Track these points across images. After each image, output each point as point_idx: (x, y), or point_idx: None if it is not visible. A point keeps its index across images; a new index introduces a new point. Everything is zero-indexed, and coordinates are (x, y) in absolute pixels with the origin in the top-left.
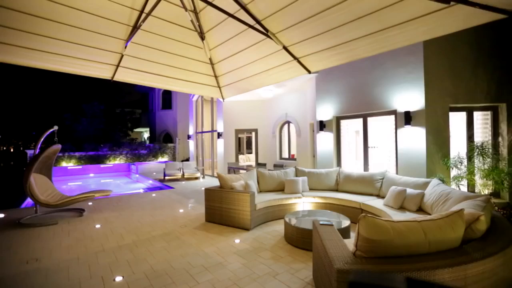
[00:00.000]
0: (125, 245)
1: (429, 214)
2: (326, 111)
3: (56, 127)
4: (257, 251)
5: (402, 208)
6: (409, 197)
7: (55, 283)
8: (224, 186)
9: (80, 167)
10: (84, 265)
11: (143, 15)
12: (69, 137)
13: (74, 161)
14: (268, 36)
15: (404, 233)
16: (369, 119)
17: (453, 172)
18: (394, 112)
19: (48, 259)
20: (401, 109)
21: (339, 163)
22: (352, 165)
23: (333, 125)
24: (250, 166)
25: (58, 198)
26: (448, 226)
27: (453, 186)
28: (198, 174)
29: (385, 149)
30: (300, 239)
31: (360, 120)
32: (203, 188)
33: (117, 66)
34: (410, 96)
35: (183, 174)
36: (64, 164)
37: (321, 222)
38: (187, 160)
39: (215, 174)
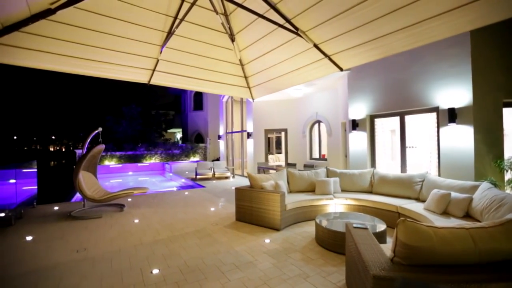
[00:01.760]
0: (161, 240)
1: (479, 221)
2: (359, 110)
3: (100, 129)
4: (287, 252)
5: (445, 213)
6: (454, 202)
7: (100, 271)
8: (254, 185)
9: (120, 165)
10: (125, 256)
11: (177, 21)
12: (111, 138)
13: (115, 160)
14: (298, 35)
15: (449, 240)
16: (407, 117)
17: (508, 175)
18: (435, 110)
19: (94, 249)
20: (444, 106)
21: (373, 164)
22: (387, 166)
23: (367, 124)
24: (280, 166)
25: (102, 194)
26: (503, 236)
27: (508, 191)
28: (228, 174)
29: (425, 149)
30: (332, 241)
31: (397, 118)
32: (233, 188)
33: (153, 70)
34: (455, 92)
35: (213, 174)
36: (106, 162)
37: (354, 225)
38: (218, 159)
39: (245, 174)
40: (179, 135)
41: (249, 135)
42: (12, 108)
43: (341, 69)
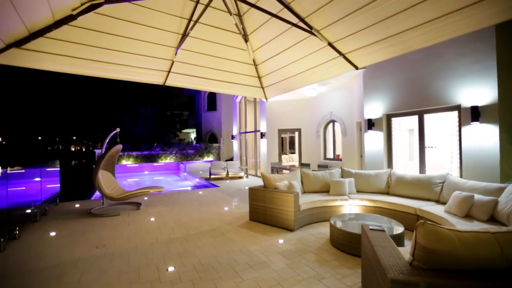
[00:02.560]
0: (176, 238)
1: (505, 225)
2: (375, 109)
3: (118, 129)
4: (301, 253)
5: (468, 216)
6: (478, 204)
7: (118, 267)
8: (268, 185)
9: (137, 165)
10: (141, 253)
11: (191, 23)
12: (128, 138)
13: (132, 159)
14: (312, 33)
15: (472, 244)
16: (426, 116)
17: None
18: (457, 108)
19: (113, 245)
20: (467, 103)
21: (390, 164)
22: (404, 166)
23: (383, 124)
24: (293, 166)
25: (120, 192)
26: None
27: None
28: (242, 174)
29: (446, 149)
30: (347, 243)
31: (415, 117)
32: (246, 187)
33: (169, 72)
34: (478, 89)
35: (227, 173)
36: (124, 162)
37: (371, 227)
38: (231, 159)
39: (258, 174)
40: (193, 135)
41: (262, 135)
42: (37, 110)
43: (357, 68)
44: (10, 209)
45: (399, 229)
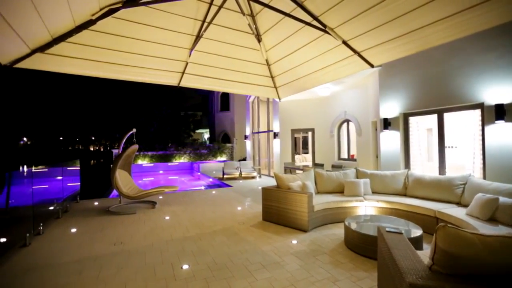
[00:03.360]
0: (190, 237)
1: None
2: (391, 108)
3: (134, 130)
4: (315, 254)
5: (492, 220)
6: (503, 207)
7: (135, 264)
8: (281, 186)
9: (152, 164)
10: (157, 251)
11: (205, 24)
12: (144, 138)
13: (147, 159)
14: (326, 32)
15: (497, 250)
16: (446, 115)
17: None
18: (480, 106)
19: (130, 243)
20: (490, 101)
21: (407, 165)
22: (423, 167)
23: (400, 123)
24: (307, 166)
25: (136, 191)
26: None
27: None
28: (255, 174)
29: (467, 149)
30: (362, 245)
31: (434, 116)
32: (259, 187)
33: (183, 73)
34: (503, 86)
35: (240, 173)
36: (139, 161)
37: (387, 229)
38: (244, 159)
39: (271, 174)
40: (206, 135)
41: (275, 135)
42: (59, 111)
43: (372, 66)
44: (35, 206)
45: (417, 231)
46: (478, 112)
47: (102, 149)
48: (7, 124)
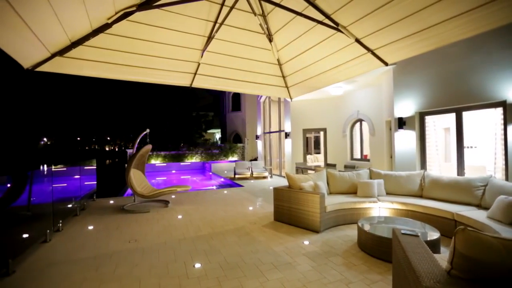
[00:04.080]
0: (202, 236)
1: None
2: (407, 107)
3: (148, 130)
4: (327, 255)
5: None
6: None
7: (149, 261)
8: (292, 186)
9: (165, 164)
10: (170, 249)
11: (217, 25)
12: (157, 138)
13: (160, 159)
14: (339, 30)
15: None
16: (464, 114)
17: None
18: (502, 104)
19: (144, 241)
20: None
21: (423, 165)
22: (440, 167)
23: (416, 122)
24: (319, 166)
25: (149, 190)
26: None
27: None
28: (266, 174)
29: (488, 149)
30: (376, 247)
31: (452, 115)
32: (271, 188)
33: (195, 74)
34: None
35: (251, 173)
36: (152, 161)
37: (403, 231)
38: (255, 159)
39: (283, 174)
40: (218, 136)
41: (287, 135)
42: (76, 112)
43: (386, 64)
44: (55, 204)
45: (434, 234)
46: (500, 110)
47: (117, 149)
48: (28, 125)
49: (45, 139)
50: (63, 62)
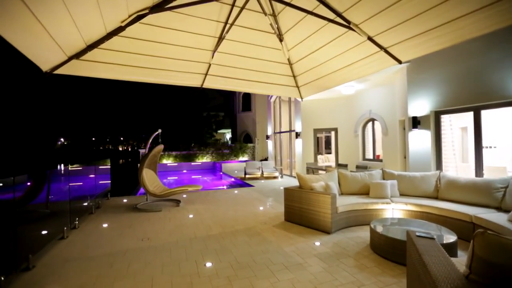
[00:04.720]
0: (213, 235)
1: None
2: (421, 106)
3: (160, 130)
4: (339, 257)
5: None
6: None
7: (161, 260)
8: (303, 186)
9: (176, 164)
10: (181, 248)
11: (227, 26)
12: (168, 138)
13: (172, 159)
14: (351, 28)
15: None
16: (483, 112)
17: None
18: None
19: (156, 239)
20: None
21: (439, 166)
22: (457, 168)
23: (431, 121)
24: (330, 166)
25: (161, 190)
26: None
27: None
28: (277, 174)
29: (509, 149)
30: (390, 250)
31: (470, 114)
32: (281, 188)
33: (206, 74)
34: None
35: (262, 173)
36: (164, 161)
37: (417, 234)
38: (266, 159)
39: (293, 174)
40: (228, 136)
41: (297, 135)
42: (91, 113)
43: (400, 62)
44: (72, 202)
45: (451, 237)
46: None
47: (130, 149)
48: (47, 126)
49: (62, 139)
50: (79, 65)
